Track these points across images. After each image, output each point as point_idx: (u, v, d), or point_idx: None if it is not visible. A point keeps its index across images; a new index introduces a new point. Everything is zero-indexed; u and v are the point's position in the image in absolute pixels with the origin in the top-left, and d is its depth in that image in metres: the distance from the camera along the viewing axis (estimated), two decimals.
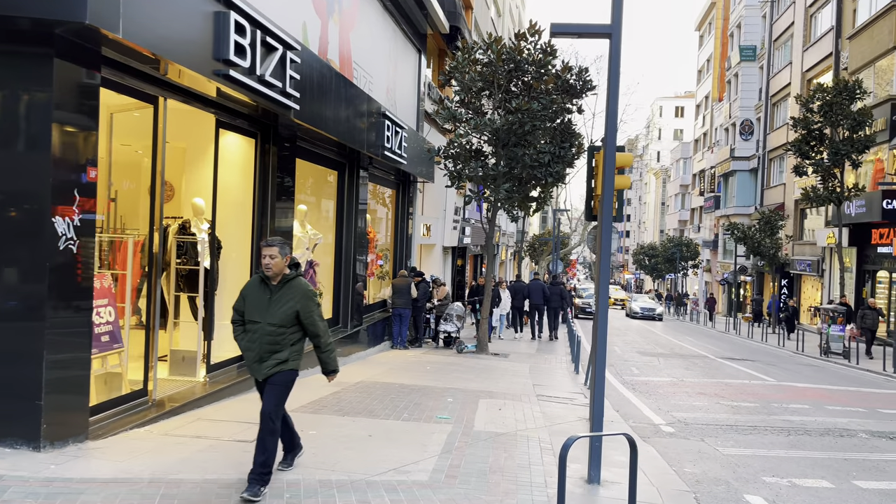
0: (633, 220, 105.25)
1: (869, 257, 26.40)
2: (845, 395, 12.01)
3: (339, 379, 10.75)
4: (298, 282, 4.99)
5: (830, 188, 23.34)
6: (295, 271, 5.01)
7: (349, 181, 13.03)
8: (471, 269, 28.83)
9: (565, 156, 14.72)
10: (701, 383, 12.98)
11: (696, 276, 56.98)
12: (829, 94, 22.76)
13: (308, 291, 4.99)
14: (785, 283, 35.41)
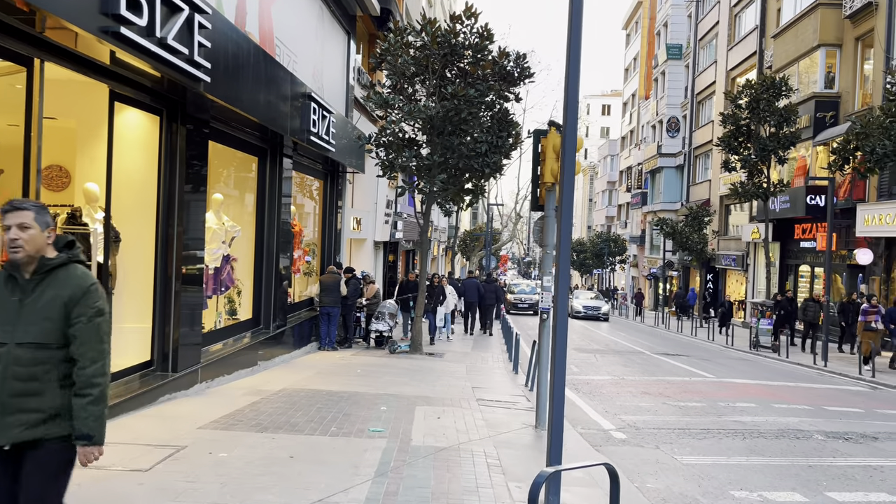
0: None
1: (792, 252, 27.02)
2: (786, 392, 11.81)
3: (259, 387, 9.76)
4: (73, 270, 2.97)
5: (757, 183, 23.66)
6: (68, 254, 3.00)
7: (272, 169, 11.96)
8: (403, 265, 27.97)
9: (503, 145, 14.06)
10: (643, 381, 12.56)
11: (623, 271, 57.87)
12: (756, 90, 23.02)
13: (90, 286, 2.95)
14: (710, 278, 36.11)
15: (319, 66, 14.16)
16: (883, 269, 20.75)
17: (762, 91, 22.97)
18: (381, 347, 15.13)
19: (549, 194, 7.81)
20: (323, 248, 15.93)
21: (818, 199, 23.86)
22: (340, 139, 14.48)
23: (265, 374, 10.50)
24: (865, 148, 13.84)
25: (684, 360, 16.90)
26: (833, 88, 24.21)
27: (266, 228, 11.96)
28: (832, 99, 24.01)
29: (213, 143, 9.35)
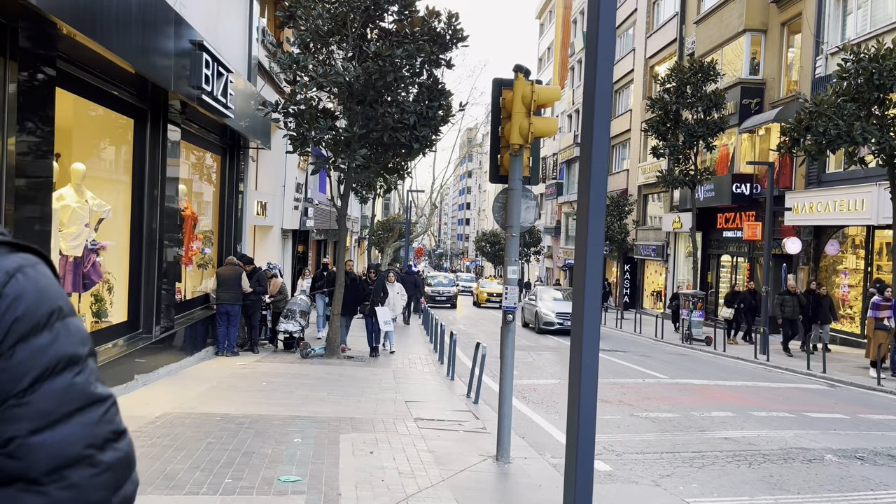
0: (473, 207, 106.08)
1: (714, 242, 26.68)
2: (753, 394, 10.66)
3: (133, 412, 7.52)
4: None
5: (684, 171, 22.98)
6: None
7: (153, 136, 9.66)
8: (314, 257, 25.72)
9: (433, 117, 12.25)
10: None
11: (537, 262, 57.45)
12: (685, 73, 22.27)
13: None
14: (628, 269, 35.74)
15: (215, 20, 11.86)
16: (811, 258, 20.42)
17: (690, 75, 22.25)
18: (290, 351, 13.04)
19: (515, 160, 6.08)
20: (221, 236, 13.63)
21: (744, 187, 23.44)
22: (242, 107, 12.26)
23: (144, 393, 8.29)
24: (818, 128, 12.94)
25: (623, 356, 15.69)
26: (758, 75, 23.83)
27: (147, 210, 9.65)
28: (757, 86, 23.61)
29: (64, 92, 7.06)
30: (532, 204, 6.24)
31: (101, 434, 0.91)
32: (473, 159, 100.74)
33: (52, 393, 0.88)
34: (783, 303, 16.88)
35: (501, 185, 6.34)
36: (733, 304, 19.72)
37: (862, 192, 17.30)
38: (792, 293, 17.07)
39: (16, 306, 0.87)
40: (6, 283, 0.87)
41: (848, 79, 13.26)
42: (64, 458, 0.86)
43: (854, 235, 19.62)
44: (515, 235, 6.02)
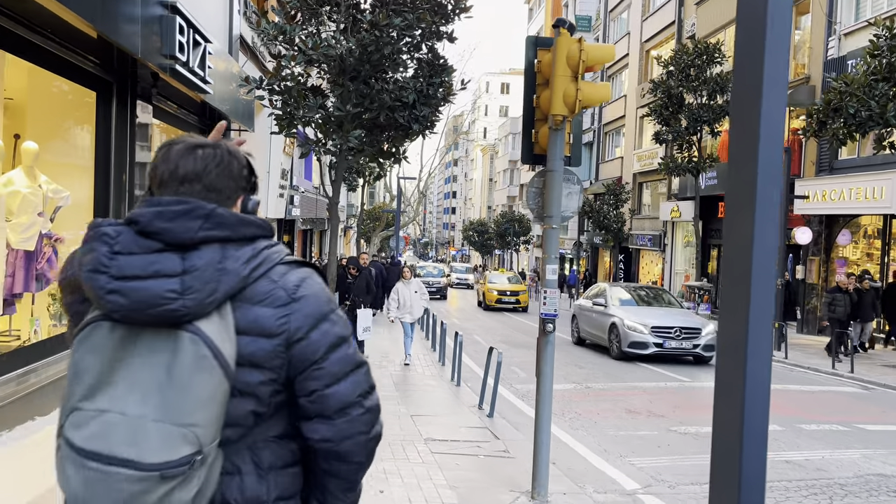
0: (459, 196, 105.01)
1: (715, 231, 25.81)
2: (789, 400, 9.72)
3: None
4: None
5: (687, 158, 22.04)
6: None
7: (120, 113, 8.44)
8: (299, 248, 24.53)
9: (434, 95, 11.13)
10: (614, 390, 10.14)
11: (526, 251, 56.55)
12: (689, 56, 21.28)
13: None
14: (622, 258, 34.89)
15: None
16: (822, 248, 19.58)
17: (694, 57, 21.27)
18: None
19: (556, 136, 5.01)
20: None
21: None
22: (222, 86, 11.06)
23: None
24: (849, 109, 11.99)
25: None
26: None
27: (114, 197, 8.45)
28: None
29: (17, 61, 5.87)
30: (575, 189, 5.18)
31: (364, 387, 1.46)
32: (459, 147, 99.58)
33: (336, 360, 1.42)
34: (833, 301, 14.26)
35: (535, 166, 5.26)
36: None
37: (881, 179, 16.42)
38: (843, 290, 14.43)
39: (308, 304, 1.41)
40: (299, 286, 1.42)
41: (879, 56, 12.31)
42: (345, 402, 1.42)
43: (867, 225, 18.80)
44: (556, 227, 4.96)
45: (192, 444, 1.24)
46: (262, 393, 1.36)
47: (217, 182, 1.43)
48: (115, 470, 1.22)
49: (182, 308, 1.27)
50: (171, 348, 1.27)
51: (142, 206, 1.34)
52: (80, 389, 1.30)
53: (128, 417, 1.25)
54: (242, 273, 1.34)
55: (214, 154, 1.47)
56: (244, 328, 1.34)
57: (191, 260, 1.30)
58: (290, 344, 1.37)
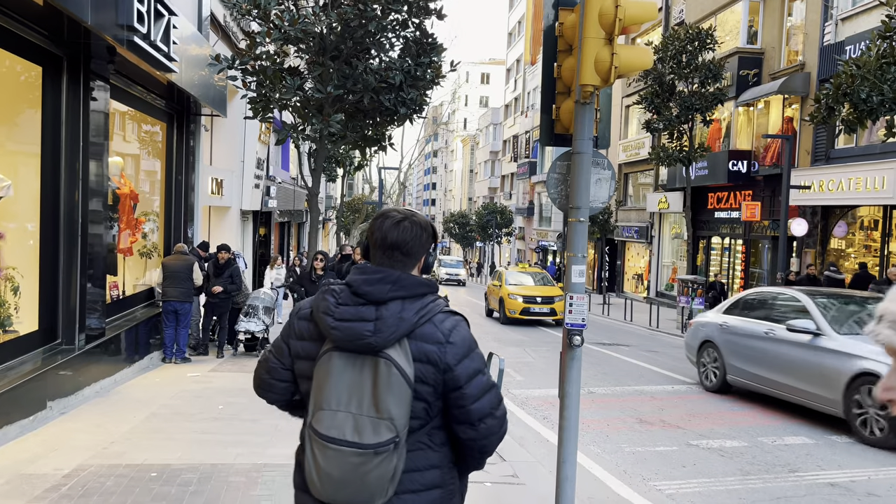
0: (440, 188, 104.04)
1: (704, 223, 25.25)
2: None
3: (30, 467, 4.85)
4: None
5: (678, 147, 21.38)
6: None
7: (72, 91, 7.51)
8: (276, 241, 23.55)
9: (422, 76, 10.28)
10: (620, 396, 9.41)
11: (508, 244, 55.88)
12: (681, 41, 20.59)
13: None
14: (608, 251, 34.30)
15: None
16: (818, 240, 19.05)
17: (686, 43, 20.58)
18: (253, 354, 11.05)
19: (584, 111, 4.20)
20: (168, 218, 11.50)
21: (740, 164, 21.98)
22: (191, 66, 10.13)
23: (55, 429, 6.26)
24: (860, 94, 11.33)
25: (629, 352, 14.07)
26: (756, 44, 22.28)
27: (65, 187, 7.52)
28: (756, 56, 22.06)
29: None
30: (606, 175, 4.38)
31: (495, 403, 2.06)
32: (439, 138, 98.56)
33: (474, 386, 2.00)
34: None
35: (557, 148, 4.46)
36: None
37: (882, 168, 15.87)
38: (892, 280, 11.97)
39: (458, 344, 2.00)
40: (451, 332, 2.00)
41: (890, 38, 11.65)
42: (483, 414, 2.02)
43: (864, 216, 18.29)
44: (584, 220, 4.16)
45: (391, 432, 1.93)
46: (430, 398, 2.00)
47: (412, 250, 2.10)
48: (346, 449, 1.92)
49: (375, 342, 1.95)
50: (372, 369, 1.95)
51: (354, 274, 2.06)
52: (319, 396, 1.99)
53: (351, 415, 1.94)
54: (413, 320, 1.99)
55: (412, 228, 2.10)
56: (416, 356, 1.98)
57: (381, 311, 1.98)
58: (444, 371, 1.99)
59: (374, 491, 1.93)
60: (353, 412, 1.92)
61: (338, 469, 1.91)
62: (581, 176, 4.16)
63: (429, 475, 2.04)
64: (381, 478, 1.92)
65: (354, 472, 1.90)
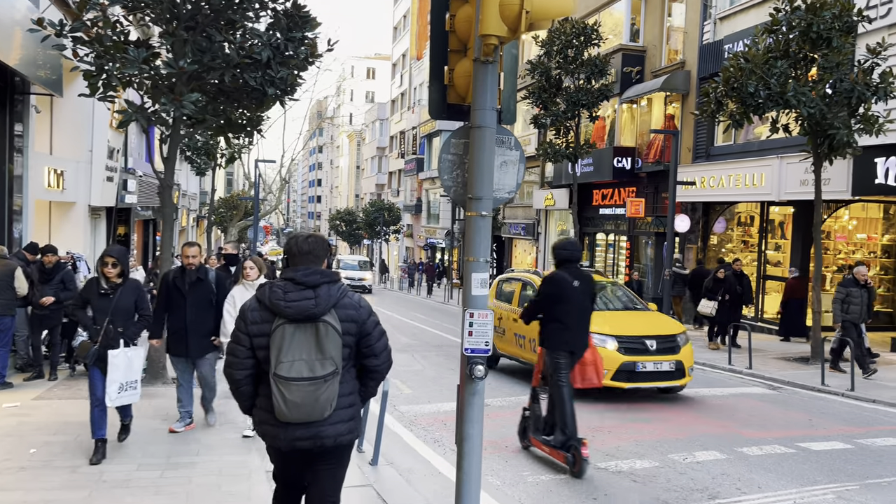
0: (325, 184, 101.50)
1: (590, 219, 25.34)
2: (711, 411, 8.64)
3: None
4: None
5: (565, 143, 21.16)
6: None
7: None
8: (140, 240, 21.32)
9: (295, 54, 9.04)
10: (512, 406, 8.65)
11: (396, 241, 54.87)
12: (567, 35, 20.34)
13: None
14: (495, 247, 34.07)
15: None
16: (700, 236, 19.33)
17: (572, 37, 20.36)
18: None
19: (486, 73, 3.23)
20: None
21: (625, 161, 22.09)
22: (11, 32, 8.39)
23: None
24: (748, 88, 11.19)
25: None
26: (638, 42, 22.46)
27: None
28: (638, 53, 22.23)
29: None
30: (514, 157, 3.44)
31: (386, 342, 3.34)
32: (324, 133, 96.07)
33: (377, 333, 3.27)
34: (848, 297, 10.91)
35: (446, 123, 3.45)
36: (716, 295, 14.13)
37: (760, 165, 16.16)
38: (862, 284, 11.03)
39: (366, 308, 3.26)
40: (360, 300, 3.27)
41: (777, 32, 11.62)
42: (382, 349, 3.30)
43: (742, 212, 18.71)
44: (487, 214, 3.22)
45: (333, 366, 3.05)
46: (352, 344, 3.17)
47: (318, 254, 3.23)
48: (304, 383, 3.00)
49: (317, 311, 3.05)
50: (314, 330, 3.05)
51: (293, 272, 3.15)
52: (279, 354, 3.02)
53: (304, 361, 3.02)
54: (337, 296, 3.14)
55: (316, 241, 3.26)
56: (342, 318, 3.12)
57: (317, 292, 3.09)
58: (361, 325, 3.19)
59: (323, 408, 3.05)
60: (306, 359, 3.02)
61: (299, 397, 3.00)
62: (483, 157, 3.20)
63: (350, 397, 3.21)
64: (328, 398, 3.05)
65: (311, 396, 3.01)
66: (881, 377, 10.68)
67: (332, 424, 3.09)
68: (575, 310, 6.07)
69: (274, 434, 3.08)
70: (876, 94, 11.18)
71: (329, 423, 3.08)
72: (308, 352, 2.99)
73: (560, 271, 6.25)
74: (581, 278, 6.22)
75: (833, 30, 11.02)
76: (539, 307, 6.29)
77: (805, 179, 14.52)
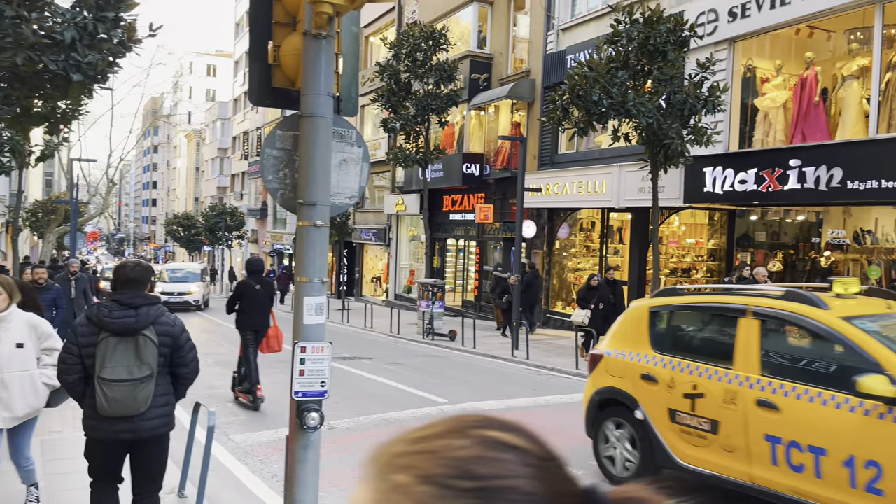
0: (161, 186, 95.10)
1: (440, 225, 25.27)
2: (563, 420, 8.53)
3: None
4: None
5: (415, 148, 20.90)
6: None
7: None
8: None
9: (106, 36, 7.88)
10: (361, 428, 8.02)
11: (240, 247, 52.23)
12: (416, 39, 20.11)
13: None
14: (346, 253, 33.25)
15: None
16: (545, 241, 19.75)
17: (421, 41, 20.15)
18: None
19: (317, 49, 2.61)
20: None
21: (474, 167, 22.19)
22: None
23: None
24: (592, 96, 11.38)
25: (373, 366, 12.86)
26: (486, 49, 22.69)
27: None
28: (485, 60, 22.45)
29: None
30: (356, 154, 2.84)
31: (196, 353, 4.14)
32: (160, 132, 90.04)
33: (188, 347, 4.05)
34: None
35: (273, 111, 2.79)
36: (589, 303, 13.69)
37: (602, 173, 16.73)
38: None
39: (180, 326, 4.05)
40: (175, 320, 4.06)
41: (617, 43, 11.94)
42: (192, 359, 4.09)
43: (583, 218, 19.35)
44: (322, 224, 2.63)
45: (149, 370, 3.79)
46: (166, 354, 3.88)
47: (143, 281, 3.96)
48: (124, 383, 3.71)
49: (137, 326, 3.76)
50: (135, 341, 3.76)
51: (119, 295, 3.83)
52: (103, 360, 3.71)
53: (125, 366, 3.72)
54: (155, 315, 3.85)
55: (142, 269, 4.00)
56: (160, 333, 3.85)
57: (138, 312, 3.79)
58: (175, 339, 3.92)
59: (140, 404, 3.76)
60: (126, 365, 3.74)
61: (120, 395, 3.70)
62: (316, 153, 2.60)
63: (165, 397, 3.93)
64: (144, 397, 3.77)
65: (130, 394, 3.73)
66: None
67: (149, 419, 3.81)
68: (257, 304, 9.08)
69: (100, 428, 3.75)
70: (706, 107, 11.81)
71: (146, 418, 3.80)
72: (128, 359, 3.74)
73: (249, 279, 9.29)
74: (262, 283, 9.26)
75: (668, 43, 11.48)
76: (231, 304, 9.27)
77: (642, 187, 15.17)
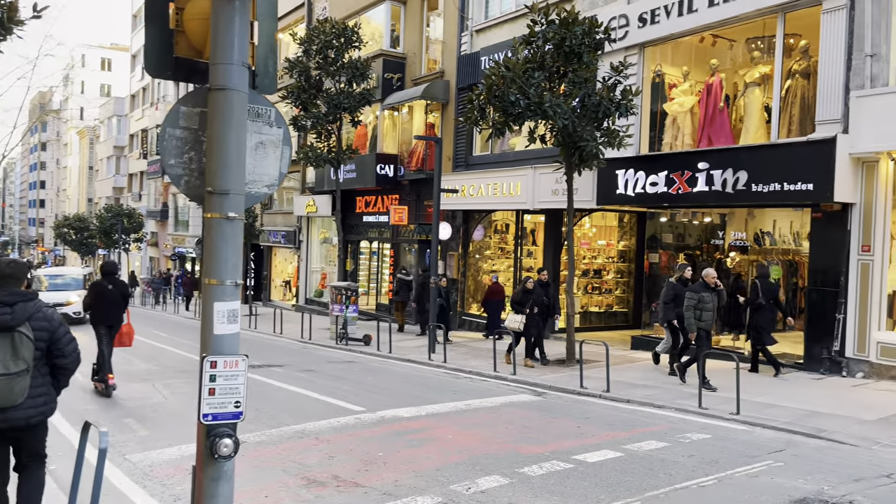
0: (51, 186, 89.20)
1: (353, 227, 24.72)
2: (483, 426, 8.28)
3: None
4: None
5: (327, 147, 20.31)
6: None
7: None
8: None
9: None
10: (274, 441, 7.50)
11: (138, 251, 49.56)
12: (327, 35, 19.55)
13: None
14: (253, 256, 32.05)
15: None
16: (461, 243, 19.62)
17: (332, 38, 19.60)
18: None
19: (228, 12, 2.20)
20: None
21: (388, 168, 21.81)
22: None
23: None
24: (509, 97, 11.28)
25: (281, 374, 12.28)
26: (399, 48, 22.37)
27: None
28: (399, 60, 22.13)
29: None
30: (275, 136, 2.41)
31: (75, 345, 4.51)
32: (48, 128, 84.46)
33: (66, 340, 4.42)
34: (700, 303, 10.05)
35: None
36: (525, 307, 12.72)
37: (516, 175, 16.75)
38: (712, 288, 10.19)
39: (58, 320, 4.40)
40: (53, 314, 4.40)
41: (533, 44, 11.91)
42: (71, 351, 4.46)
43: (498, 220, 19.35)
44: (236, 216, 2.21)
45: (25, 364, 4.14)
46: (43, 349, 4.25)
47: (18, 276, 4.32)
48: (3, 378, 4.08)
49: (12, 323, 4.12)
50: (10, 337, 4.11)
51: None
52: None
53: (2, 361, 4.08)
54: (32, 311, 4.22)
55: (17, 265, 4.35)
56: (36, 328, 4.21)
57: (14, 308, 4.16)
58: (52, 333, 4.28)
59: (16, 396, 4.08)
60: (3, 360, 4.04)
61: None
62: (229, 133, 2.19)
63: (41, 388, 4.25)
64: (21, 389, 4.09)
65: (6, 386, 4.05)
66: (627, 377, 11.34)
67: (24, 409, 4.15)
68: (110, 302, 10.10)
69: None
70: (619, 110, 11.95)
71: (21, 409, 4.14)
72: (3, 354, 4.04)
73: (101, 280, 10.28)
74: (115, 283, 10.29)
75: (583, 45, 11.54)
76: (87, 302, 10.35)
77: (556, 189, 15.27)
